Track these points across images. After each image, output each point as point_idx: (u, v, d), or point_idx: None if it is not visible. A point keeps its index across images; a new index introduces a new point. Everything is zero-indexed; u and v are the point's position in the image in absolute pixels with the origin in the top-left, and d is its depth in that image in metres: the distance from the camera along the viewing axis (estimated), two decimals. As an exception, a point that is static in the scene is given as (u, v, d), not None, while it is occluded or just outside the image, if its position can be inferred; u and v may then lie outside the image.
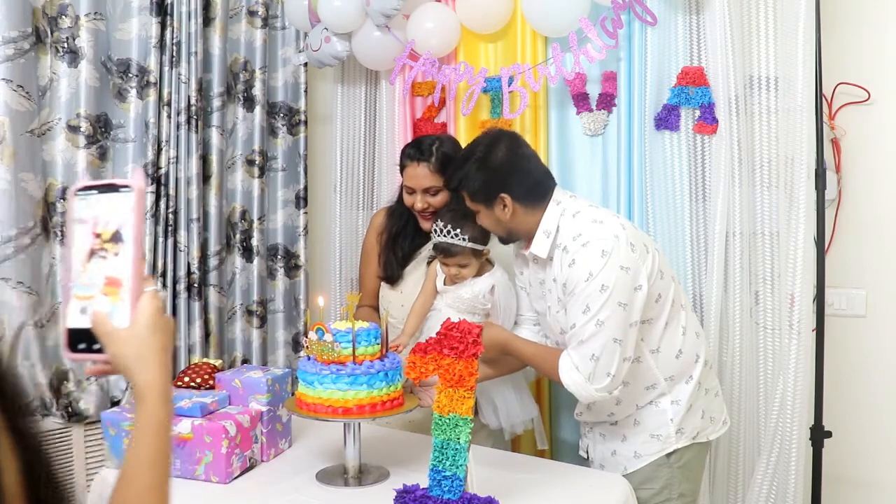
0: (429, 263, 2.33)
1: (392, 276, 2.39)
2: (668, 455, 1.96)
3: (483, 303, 2.17)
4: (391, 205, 2.47)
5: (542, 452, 2.55)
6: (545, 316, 2.06)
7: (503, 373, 2.10)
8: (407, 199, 2.32)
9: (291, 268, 3.20)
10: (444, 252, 2.14)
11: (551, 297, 1.99)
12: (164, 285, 2.73)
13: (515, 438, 2.51)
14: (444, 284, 2.21)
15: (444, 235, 2.11)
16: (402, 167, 2.32)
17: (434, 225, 2.16)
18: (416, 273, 2.38)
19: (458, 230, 2.09)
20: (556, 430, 2.62)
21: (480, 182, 1.94)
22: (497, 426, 2.26)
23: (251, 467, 1.97)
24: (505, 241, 2.08)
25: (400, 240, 2.39)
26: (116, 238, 0.94)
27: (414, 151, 2.28)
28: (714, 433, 2.05)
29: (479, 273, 2.19)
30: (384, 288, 2.43)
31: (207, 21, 2.85)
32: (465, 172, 1.97)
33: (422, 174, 2.25)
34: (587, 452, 2.14)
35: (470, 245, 2.11)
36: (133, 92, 2.67)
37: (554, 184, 2.02)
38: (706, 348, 2.04)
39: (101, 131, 2.62)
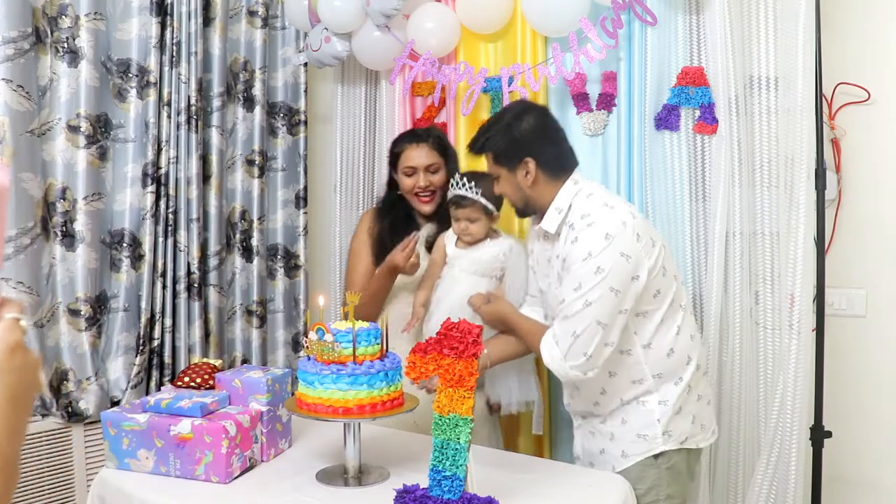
0: (427, 249, 2.40)
1: None
2: (656, 456, 1.96)
3: (503, 261, 2.25)
4: (377, 205, 2.55)
5: (539, 446, 2.57)
6: (546, 294, 2.08)
7: (515, 354, 2.12)
8: (407, 183, 2.40)
9: (291, 268, 3.20)
10: (455, 203, 2.24)
11: (553, 273, 2.01)
12: (164, 285, 2.73)
13: (513, 435, 2.56)
14: (456, 247, 2.29)
15: (460, 188, 2.22)
16: (398, 154, 2.43)
17: (452, 179, 2.26)
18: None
19: (474, 183, 2.20)
20: (556, 428, 2.62)
21: (507, 144, 1.99)
22: (496, 400, 2.32)
23: (251, 467, 1.97)
24: (521, 212, 2.11)
25: (394, 229, 2.43)
26: None
27: (410, 136, 2.45)
28: (703, 441, 2.04)
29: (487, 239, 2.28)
30: None
31: (207, 21, 2.85)
32: (492, 134, 2.01)
33: (426, 152, 2.39)
34: (576, 450, 2.15)
35: (482, 200, 2.20)
36: (133, 92, 2.67)
37: (576, 163, 2.06)
38: (701, 353, 2.04)
39: (101, 131, 2.62)
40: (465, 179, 2.21)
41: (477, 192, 2.20)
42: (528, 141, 1.98)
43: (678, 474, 1.99)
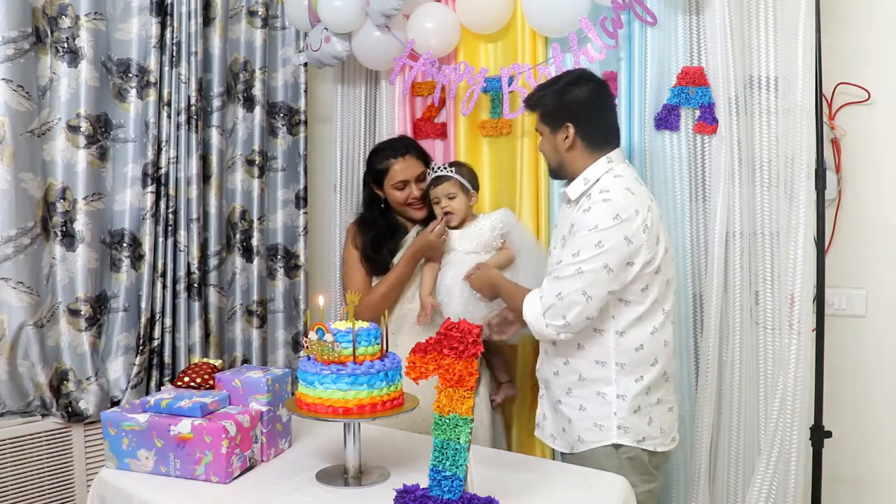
0: None
1: (386, 270, 2.47)
2: (617, 447, 2.00)
3: (501, 229, 2.40)
4: (359, 221, 2.56)
5: (541, 452, 2.57)
6: (550, 258, 2.13)
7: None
8: (400, 196, 2.46)
9: (291, 268, 3.20)
10: (433, 183, 2.43)
11: (559, 236, 2.08)
12: (164, 285, 2.73)
13: (507, 429, 2.62)
14: (448, 227, 2.41)
15: (436, 171, 2.44)
16: (384, 170, 2.46)
17: (429, 168, 2.46)
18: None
19: (448, 165, 2.46)
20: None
21: (554, 106, 2.07)
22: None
23: (251, 467, 1.97)
24: (554, 173, 2.18)
25: (379, 242, 2.48)
26: None
27: (392, 150, 2.48)
28: (662, 446, 2.07)
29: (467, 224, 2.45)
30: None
31: (207, 21, 2.85)
32: (545, 93, 2.10)
33: (412, 164, 2.47)
34: (538, 418, 2.20)
35: (456, 176, 2.41)
36: (133, 92, 2.67)
37: (618, 144, 2.11)
38: (670, 362, 2.07)
39: (101, 131, 2.62)
40: (442, 165, 2.45)
41: (451, 171, 2.41)
42: (574, 108, 2.05)
43: (641, 465, 2.02)
